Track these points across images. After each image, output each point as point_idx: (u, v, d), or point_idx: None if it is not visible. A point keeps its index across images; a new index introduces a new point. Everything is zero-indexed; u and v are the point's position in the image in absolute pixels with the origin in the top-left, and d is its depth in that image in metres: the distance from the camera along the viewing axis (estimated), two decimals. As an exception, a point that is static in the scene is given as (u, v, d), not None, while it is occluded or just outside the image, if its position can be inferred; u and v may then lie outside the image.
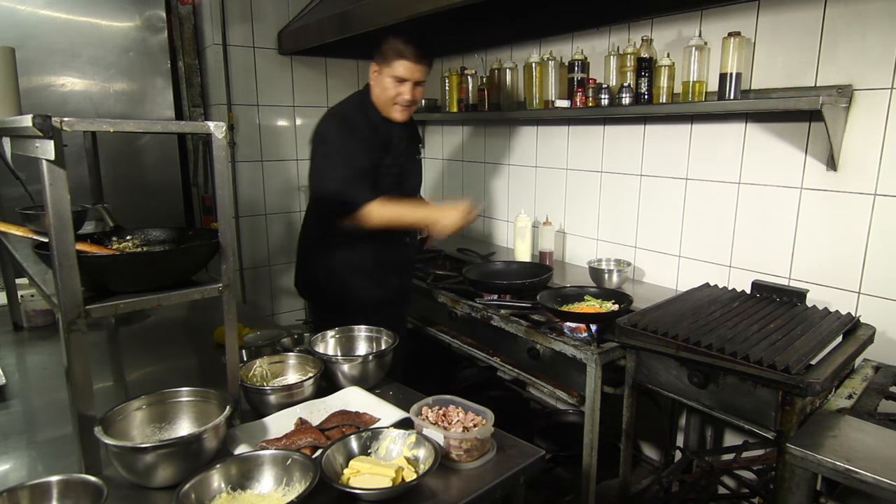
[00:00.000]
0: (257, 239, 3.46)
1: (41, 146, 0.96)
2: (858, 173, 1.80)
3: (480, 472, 1.14)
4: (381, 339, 1.61)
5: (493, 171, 3.25)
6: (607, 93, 2.27)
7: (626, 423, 1.75)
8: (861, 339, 1.62)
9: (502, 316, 2.03)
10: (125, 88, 3.09)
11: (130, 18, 3.06)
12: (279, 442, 1.16)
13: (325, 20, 2.85)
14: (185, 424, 1.23)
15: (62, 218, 0.98)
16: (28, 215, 1.68)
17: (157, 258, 1.23)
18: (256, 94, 3.31)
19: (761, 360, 1.39)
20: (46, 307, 1.97)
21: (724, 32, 1.93)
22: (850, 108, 1.78)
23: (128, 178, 3.14)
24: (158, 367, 1.77)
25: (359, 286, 2.16)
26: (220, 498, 1.01)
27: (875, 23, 1.71)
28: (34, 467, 1.21)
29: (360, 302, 2.14)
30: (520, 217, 2.69)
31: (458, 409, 1.24)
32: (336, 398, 1.39)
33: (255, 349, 1.66)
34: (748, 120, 2.06)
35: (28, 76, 2.77)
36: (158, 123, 1.23)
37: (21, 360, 1.78)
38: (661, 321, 1.66)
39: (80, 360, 1.03)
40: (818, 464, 1.18)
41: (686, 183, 2.28)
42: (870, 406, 1.39)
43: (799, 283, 1.96)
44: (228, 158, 3.00)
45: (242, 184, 3.34)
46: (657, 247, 2.43)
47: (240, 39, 3.20)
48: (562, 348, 1.80)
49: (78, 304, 1.02)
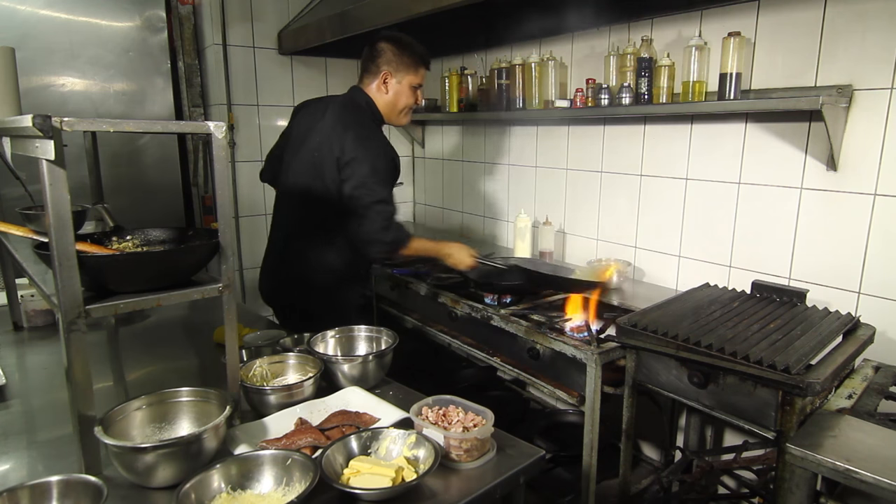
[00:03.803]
0: (257, 239, 3.46)
1: (41, 146, 0.96)
2: (858, 173, 1.80)
3: (480, 472, 1.14)
4: (381, 339, 1.61)
5: (493, 171, 3.25)
6: (607, 93, 2.27)
7: (626, 423, 1.74)
8: (861, 339, 1.62)
9: (502, 316, 2.03)
10: (125, 88, 3.09)
11: (130, 18, 3.06)
12: (279, 442, 1.16)
13: (324, 20, 2.85)
14: (185, 424, 1.23)
15: (62, 218, 0.98)
16: (28, 215, 1.68)
17: (157, 258, 1.23)
18: (256, 94, 3.30)
19: (761, 360, 1.39)
20: (46, 307, 1.97)
21: (724, 32, 1.93)
22: (850, 108, 1.78)
23: (128, 178, 3.14)
24: (158, 367, 1.76)
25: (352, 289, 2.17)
26: (220, 498, 1.01)
27: (875, 23, 1.71)
28: (34, 467, 1.20)
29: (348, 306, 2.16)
30: (520, 217, 2.69)
31: (458, 409, 1.24)
32: (336, 398, 1.39)
33: (255, 349, 1.66)
34: (748, 120, 2.06)
35: (28, 76, 2.76)
36: (158, 123, 1.23)
37: (21, 360, 1.78)
38: (661, 321, 1.66)
39: (80, 360, 1.03)
40: (818, 464, 1.18)
41: (686, 183, 2.28)
42: (870, 406, 1.39)
43: (799, 283, 1.96)
44: (228, 158, 3.00)
45: (242, 184, 3.33)
46: (657, 247, 2.43)
47: (240, 39, 3.20)
48: (562, 348, 1.80)
49: (78, 304, 1.02)
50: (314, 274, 2.12)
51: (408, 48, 2.04)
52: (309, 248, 2.13)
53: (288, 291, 2.23)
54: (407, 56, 2.03)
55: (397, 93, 2.04)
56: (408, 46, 2.04)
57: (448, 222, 3.67)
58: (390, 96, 2.05)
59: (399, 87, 2.04)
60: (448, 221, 3.67)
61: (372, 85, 2.09)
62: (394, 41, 2.05)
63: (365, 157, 1.95)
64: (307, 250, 2.13)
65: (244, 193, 3.35)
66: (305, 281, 2.14)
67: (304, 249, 2.13)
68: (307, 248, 2.13)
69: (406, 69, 2.02)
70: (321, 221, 2.11)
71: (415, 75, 2.05)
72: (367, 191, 1.94)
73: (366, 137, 2.00)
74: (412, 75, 2.04)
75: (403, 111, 2.09)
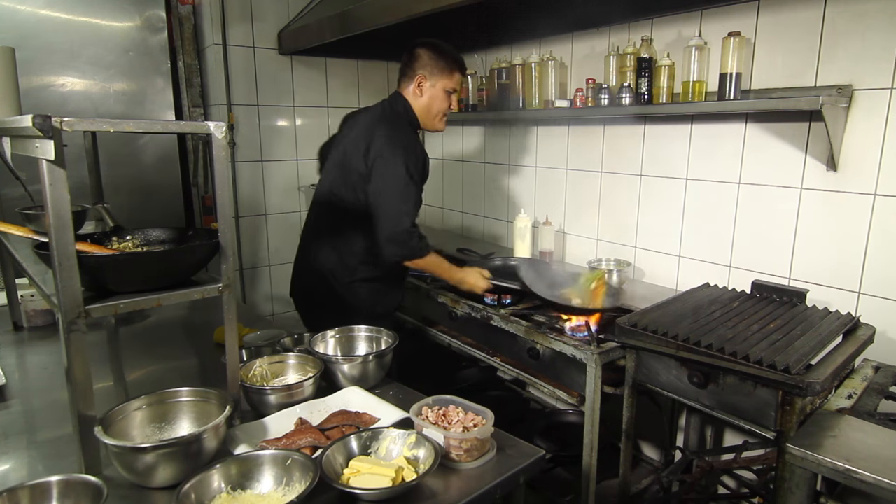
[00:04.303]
0: (257, 239, 3.46)
1: (41, 146, 0.96)
2: (858, 173, 1.80)
3: (480, 472, 1.14)
4: (381, 339, 1.61)
5: (493, 171, 3.25)
6: (607, 93, 2.27)
7: (626, 423, 1.75)
8: (861, 339, 1.62)
9: (502, 316, 2.03)
10: (125, 88, 3.09)
11: (130, 18, 3.06)
12: (279, 442, 1.16)
13: (325, 20, 2.85)
14: (185, 424, 1.23)
15: (62, 218, 0.98)
16: (28, 215, 1.68)
17: (157, 258, 1.23)
18: (256, 94, 3.30)
19: (761, 360, 1.39)
20: (46, 307, 1.97)
21: (724, 32, 1.93)
22: (850, 108, 1.78)
23: (128, 178, 3.14)
24: (158, 367, 1.77)
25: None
26: (220, 498, 1.01)
27: (875, 23, 1.71)
28: (34, 467, 1.20)
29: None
30: (520, 217, 2.69)
31: (458, 409, 1.24)
32: (336, 398, 1.39)
33: (255, 349, 1.66)
34: (748, 120, 2.06)
35: (28, 76, 2.76)
36: (158, 123, 1.23)
37: (21, 360, 1.78)
38: (661, 321, 1.66)
39: (80, 360, 1.03)
40: (818, 464, 1.18)
41: (686, 183, 2.28)
42: (870, 406, 1.39)
43: (799, 283, 1.96)
44: (228, 158, 3.01)
45: (242, 184, 3.34)
46: (657, 247, 2.43)
47: (240, 39, 3.20)
48: (562, 348, 1.80)
49: (78, 304, 1.02)
50: (334, 275, 2.13)
51: (443, 53, 2.07)
52: (330, 249, 2.13)
53: (309, 292, 2.24)
54: (442, 60, 2.06)
55: (432, 97, 2.07)
56: (443, 51, 2.07)
57: (448, 222, 3.67)
58: (425, 100, 2.09)
59: (433, 91, 2.07)
60: (448, 221, 3.67)
61: (409, 89, 2.12)
62: (430, 46, 2.08)
63: (392, 155, 1.96)
64: (328, 251, 2.14)
65: (244, 193, 3.35)
66: (325, 281, 2.14)
67: (325, 249, 2.14)
68: (328, 249, 2.14)
69: (440, 73, 2.05)
70: (344, 221, 2.11)
71: (449, 79, 2.07)
72: (392, 191, 1.95)
73: (395, 137, 2.01)
74: (446, 79, 2.06)
75: (438, 115, 2.12)
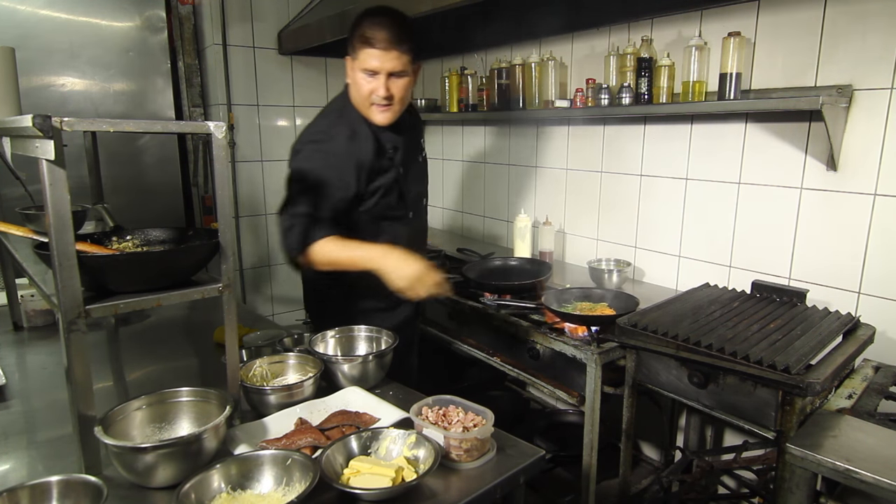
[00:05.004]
0: (257, 239, 3.47)
1: (41, 146, 0.96)
2: (858, 173, 1.80)
3: (480, 472, 1.14)
4: (381, 339, 1.61)
5: (493, 171, 3.25)
6: (607, 93, 2.27)
7: (626, 423, 1.74)
8: (861, 339, 1.62)
9: (502, 316, 2.03)
10: (125, 88, 3.09)
11: (130, 18, 3.06)
12: (279, 442, 1.16)
13: (324, 20, 2.85)
14: (185, 424, 1.23)
15: (62, 218, 0.98)
16: (28, 215, 1.68)
17: (157, 258, 1.23)
18: (256, 94, 3.31)
19: (761, 360, 1.39)
20: (46, 307, 1.97)
21: (724, 32, 1.93)
22: (850, 108, 1.78)
23: (128, 178, 3.15)
24: (158, 367, 1.76)
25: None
26: (220, 498, 1.01)
27: (875, 23, 1.71)
28: (34, 467, 1.20)
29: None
30: (520, 217, 2.69)
31: (458, 409, 1.24)
32: (336, 398, 1.39)
33: (255, 349, 1.66)
34: (748, 120, 2.06)
35: (28, 76, 2.77)
36: (158, 123, 1.23)
37: (21, 360, 1.78)
38: (661, 321, 1.66)
39: (80, 360, 1.03)
40: (818, 464, 1.18)
41: (686, 183, 2.28)
42: (870, 406, 1.39)
43: (799, 283, 1.96)
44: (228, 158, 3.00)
45: (242, 184, 3.34)
46: (657, 247, 2.43)
47: (240, 39, 3.20)
48: (562, 348, 1.80)
49: (78, 304, 1.02)
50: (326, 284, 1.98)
51: (354, 25, 1.68)
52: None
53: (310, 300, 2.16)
54: (353, 34, 1.68)
55: (353, 79, 1.71)
56: (355, 23, 1.69)
57: (448, 222, 3.67)
58: (352, 86, 1.73)
59: (353, 74, 1.71)
60: (448, 221, 3.67)
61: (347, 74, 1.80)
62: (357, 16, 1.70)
63: (293, 156, 1.75)
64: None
65: (244, 193, 3.35)
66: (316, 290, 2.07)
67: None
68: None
69: (352, 50, 1.69)
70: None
71: (360, 57, 1.66)
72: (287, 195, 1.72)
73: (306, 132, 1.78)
74: (358, 58, 1.68)
75: (365, 103, 1.71)
